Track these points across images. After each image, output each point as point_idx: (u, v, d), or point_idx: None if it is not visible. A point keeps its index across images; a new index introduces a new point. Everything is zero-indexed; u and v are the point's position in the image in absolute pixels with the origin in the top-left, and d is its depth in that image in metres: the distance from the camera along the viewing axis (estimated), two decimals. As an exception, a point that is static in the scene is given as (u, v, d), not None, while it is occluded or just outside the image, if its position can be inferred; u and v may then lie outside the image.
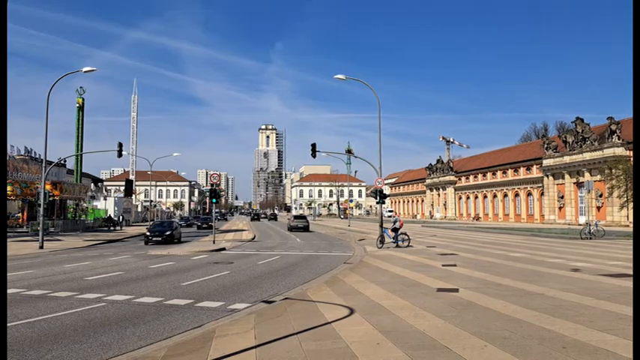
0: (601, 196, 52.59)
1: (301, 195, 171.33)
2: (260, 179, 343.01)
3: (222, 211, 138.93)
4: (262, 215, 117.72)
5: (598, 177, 52.73)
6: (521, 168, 72.26)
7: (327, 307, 9.44)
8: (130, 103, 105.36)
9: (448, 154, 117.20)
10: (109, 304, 10.71)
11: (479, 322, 8.00)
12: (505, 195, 76.28)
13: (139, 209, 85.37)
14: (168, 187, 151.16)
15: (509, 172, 75.26)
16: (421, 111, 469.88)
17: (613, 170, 44.04)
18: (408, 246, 24.90)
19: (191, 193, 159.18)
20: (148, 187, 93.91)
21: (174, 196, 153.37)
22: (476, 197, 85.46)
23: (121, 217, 58.10)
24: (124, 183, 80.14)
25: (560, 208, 61.92)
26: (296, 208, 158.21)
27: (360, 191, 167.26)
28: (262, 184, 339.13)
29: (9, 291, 12.19)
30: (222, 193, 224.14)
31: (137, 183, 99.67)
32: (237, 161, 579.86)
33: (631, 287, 10.93)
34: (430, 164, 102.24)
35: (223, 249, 26.21)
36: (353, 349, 6.52)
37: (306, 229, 47.73)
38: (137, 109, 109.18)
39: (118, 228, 52.53)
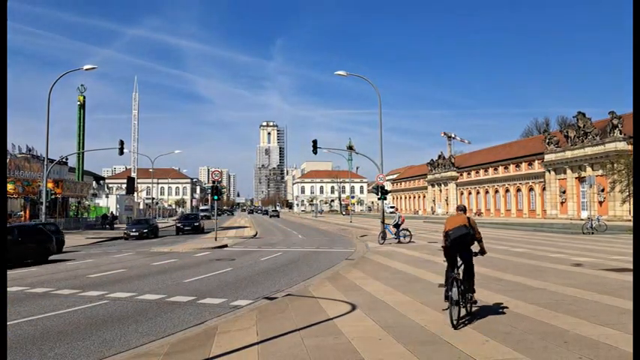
0: (603, 190, 52.45)
1: (303, 191, 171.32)
2: (262, 176, 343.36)
3: (202, 207, 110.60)
4: (258, 211, 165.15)
5: (600, 172, 52.59)
6: (523, 163, 72.11)
7: (328, 303, 9.46)
8: (131, 101, 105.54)
9: (450, 149, 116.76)
10: (112, 301, 10.74)
11: (480, 317, 8.00)
12: (507, 190, 76.16)
13: (141, 207, 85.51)
14: (170, 185, 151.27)
15: (511, 167, 75.12)
16: (422, 106, 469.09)
17: (615, 165, 43.93)
18: (409, 242, 24.91)
19: (193, 191, 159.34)
20: (150, 185, 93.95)
21: (176, 194, 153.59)
22: (477, 193, 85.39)
23: (112, 216, 57.00)
24: (125, 181, 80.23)
25: (562, 203, 61.83)
26: (297, 205, 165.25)
27: (361, 187, 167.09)
28: (264, 180, 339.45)
29: (12, 289, 12.24)
30: (224, 190, 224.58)
31: (139, 180, 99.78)
32: (239, 158, 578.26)
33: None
34: (432, 160, 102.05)
35: (225, 246, 26.26)
36: (355, 344, 6.54)
37: (277, 215, 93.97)
38: (138, 107, 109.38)
39: (108, 227, 49.79)
